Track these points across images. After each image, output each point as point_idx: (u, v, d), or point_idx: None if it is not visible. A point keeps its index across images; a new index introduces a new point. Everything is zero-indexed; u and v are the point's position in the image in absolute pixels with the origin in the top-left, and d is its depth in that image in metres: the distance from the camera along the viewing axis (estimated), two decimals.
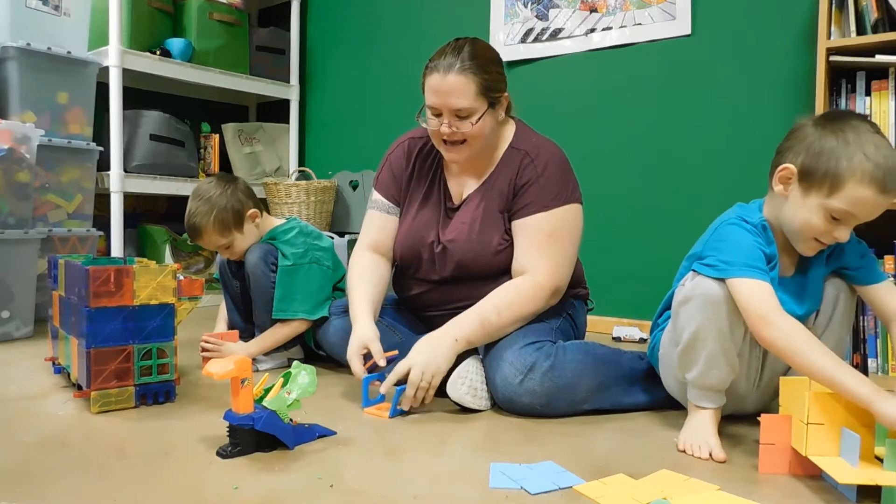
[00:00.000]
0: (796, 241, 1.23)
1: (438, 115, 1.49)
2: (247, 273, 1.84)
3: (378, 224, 1.69)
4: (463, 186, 1.63)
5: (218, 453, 1.15)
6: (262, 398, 1.21)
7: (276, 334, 1.81)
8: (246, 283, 1.87)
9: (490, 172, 1.59)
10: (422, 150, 1.68)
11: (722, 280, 1.17)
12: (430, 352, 1.41)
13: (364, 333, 1.49)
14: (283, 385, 1.22)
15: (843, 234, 1.17)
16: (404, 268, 1.69)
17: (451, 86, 1.44)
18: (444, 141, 1.52)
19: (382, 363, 1.45)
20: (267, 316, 1.81)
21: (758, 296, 1.13)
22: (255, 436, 1.16)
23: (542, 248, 1.50)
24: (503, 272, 1.54)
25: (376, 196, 1.71)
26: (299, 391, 1.21)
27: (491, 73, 1.49)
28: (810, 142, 1.16)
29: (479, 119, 1.48)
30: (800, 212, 1.18)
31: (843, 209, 1.13)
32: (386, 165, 1.71)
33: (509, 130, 1.61)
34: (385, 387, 1.42)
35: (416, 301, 1.70)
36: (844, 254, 1.28)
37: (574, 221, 1.55)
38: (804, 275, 1.28)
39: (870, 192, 1.11)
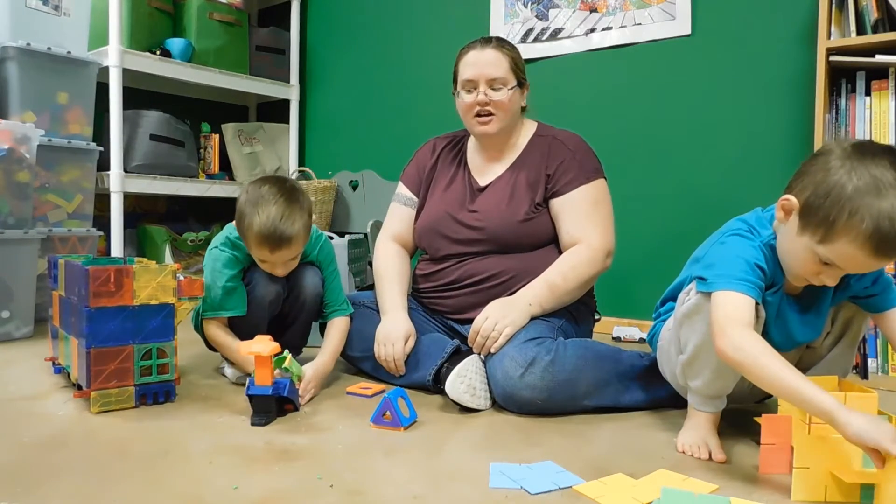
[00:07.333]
0: (787, 271, 1.16)
1: (473, 89, 1.65)
2: (300, 297, 1.68)
3: (399, 215, 1.84)
4: (488, 173, 1.74)
5: (254, 423, 1.31)
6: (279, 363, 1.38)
7: (342, 335, 1.70)
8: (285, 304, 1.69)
9: (517, 157, 1.72)
10: (446, 147, 1.85)
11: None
12: (505, 307, 1.51)
13: (408, 325, 1.61)
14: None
15: (831, 280, 1.10)
16: (427, 244, 1.76)
17: (488, 57, 1.64)
18: (477, 115, 1.65)
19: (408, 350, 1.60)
20: (301, 335, 1.74)
21: (728, 306, 1.08)
22: (276, 402, 1.35)
23: (590, 217, 1.64)
24: (527, 245, 1.64)
25: (400, 188, 1.87)
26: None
27: (518, 57, 1.70)
28: (823, 178, 1.03)
29: (511, 91, 1.64)
30: (792, 246, 1.11)
31: (831, 259, 1.05)
32: (413, 159, 1.89)
33: (531, 126, 1.77)
34: (471, 336, 1.52)
35: (441, 277, 1.72)
36: (850, 287, 1.21)
37: (608, 195, 1.71)
38: (812, 293, 1.22)
39: (860, 254, 1.01)
